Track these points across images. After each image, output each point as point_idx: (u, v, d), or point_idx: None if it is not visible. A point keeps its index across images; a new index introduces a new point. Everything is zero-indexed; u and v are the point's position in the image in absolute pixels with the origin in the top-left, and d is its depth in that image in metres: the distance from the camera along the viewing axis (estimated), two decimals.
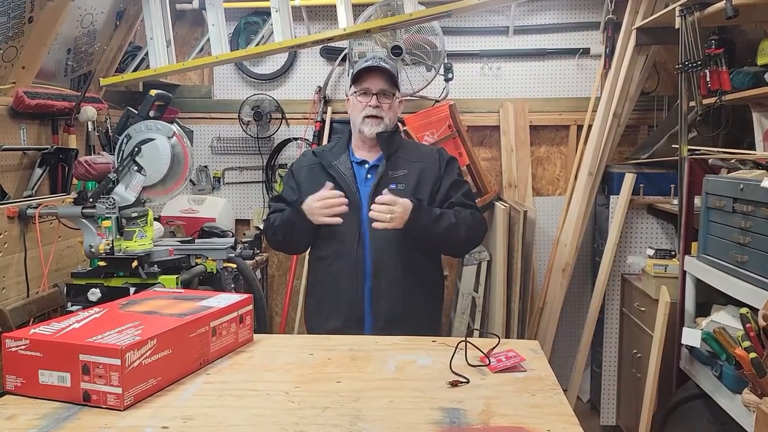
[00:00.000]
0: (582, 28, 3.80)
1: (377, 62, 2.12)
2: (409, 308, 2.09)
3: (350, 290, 2.08)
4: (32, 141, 2.89)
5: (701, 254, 2.36)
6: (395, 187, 2.07)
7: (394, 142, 2.17)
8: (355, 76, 2.14)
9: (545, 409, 1.25)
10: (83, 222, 2.29)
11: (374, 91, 2.10)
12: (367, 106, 2.11)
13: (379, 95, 2.10)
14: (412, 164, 2.14)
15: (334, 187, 2.07)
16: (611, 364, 3.41)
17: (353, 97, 2.16)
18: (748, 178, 2.08)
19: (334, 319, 2.09)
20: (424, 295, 2.17)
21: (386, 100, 2.12)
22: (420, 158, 2.17)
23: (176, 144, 2.39)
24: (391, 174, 2.10)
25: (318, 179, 2.13)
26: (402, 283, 2.08)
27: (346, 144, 2.22)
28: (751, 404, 1.80)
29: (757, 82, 2.43)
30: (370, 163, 2.16)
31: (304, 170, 2.22)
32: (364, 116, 2.11)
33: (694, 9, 2.52)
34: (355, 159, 2.17)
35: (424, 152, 2.23)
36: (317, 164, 2.18)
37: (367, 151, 2.18)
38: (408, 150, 2.19)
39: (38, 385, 1.24)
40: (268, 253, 4.08)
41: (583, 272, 3.80)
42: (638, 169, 3.33)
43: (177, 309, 1.47)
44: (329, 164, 2.14)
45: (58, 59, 3.00)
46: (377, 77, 2.10)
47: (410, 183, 2.10)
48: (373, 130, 2.11)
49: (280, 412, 1.21)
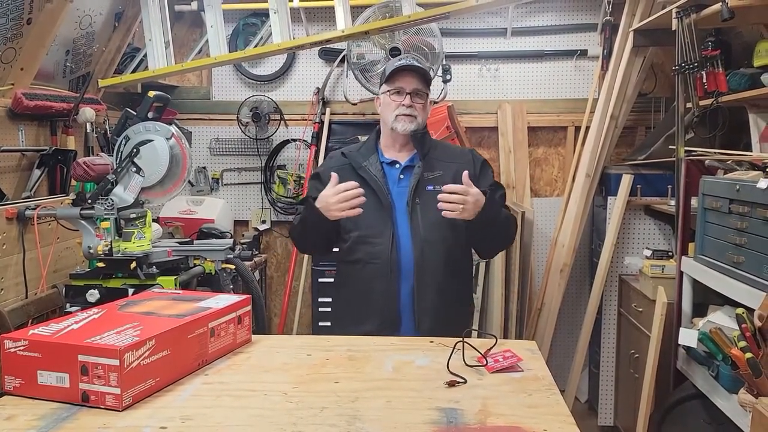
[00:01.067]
0: (579, 29, 3.81)
1: (411, 61, 2.10)
2: (450, 308, 2.05)
3: (385, 293, 2.02)
4: (31, 142, 2.90)
5: (698, 255, 2.37)
6: (432, 188, 2.03)
7: (426, 141, 2.13)
8: (388, 75, 2.11)
9: (542, 409, 1.25)
10: (82, 223, 2.29)
11: (408, 90, 2.06)
12: (400, 105, 2.07)
13: (413, 95, 2.07)
14: (447, 164, 2.10)
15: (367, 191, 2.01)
16: (609, 364, 3.42)
17: (385, 96, 2.11)
18: (745, 180, 2.09)
19: (368, 323, 2.02)
20: (461, 294, 2.16)
21: (419, 99, 2.08)
22: (453, 158, 2.13)
23: (175, 145, 2.40)
24: (427, 175, 2.06)
25: (348, 181, 2.07)
26: (443, 284, 2.04)
27: (374, 144, 2.17)
28: (748, 404, 1.81)
29: (754, 83, 2.44)
30: (402, 163, 2.12)
31: (332, 172, 2.12)
32: (397, 114, 2.07)
33: (691, 11, 2.53)
34: (385, 159, 2.13)
35: (457, 153, 2.20)
36: (347, 165, 2.13)
37: (398, 151, 2.14)
38: (440, 150, 2.15)
39: (37, 386, 1.24)
40: (267, 254, 4.09)
41: (581, 273, 3.81)
42: (635, 171, 3.34)
43: (175, 310, 1.48)
44: (359, 165, 2.09)
45: (57, 60, 3.01)
46: (411, 76, 2.07)
47: (446, 181, 2.03)
48: (406, 127, 2.06)
49: (278, 413, 1.21)
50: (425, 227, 2.01)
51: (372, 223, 2.03)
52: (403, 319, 2.03)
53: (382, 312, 2.03)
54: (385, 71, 2.14)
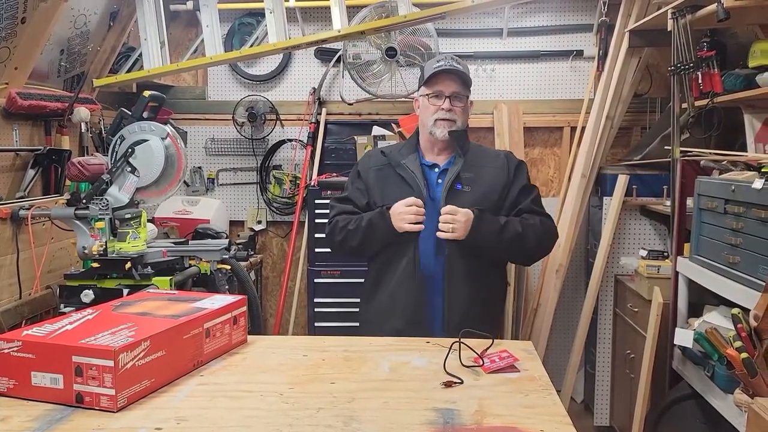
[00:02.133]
0: (575, 30, 3.82)
1: (450, 64, 2.06)
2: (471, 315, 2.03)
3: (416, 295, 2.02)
4: (25, 142, 2.88)
5: (694, 255, 2.38)
6: (460, 187, 2.03)
7: (465, 141, 2.11)
8: (427, 77, 2.08)
9: (538, 409, 1.25)
10: (76, 223, 2.28)
11: (447, 93, 2.04)
12: (439, 109, 2.05)
13: (452, 98, 2.04)
14: (480, 168, 2.08)
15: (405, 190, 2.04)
16: (605, 364, 3.42)
17: (424, 99, 2.09)
18: (740, 180, 2.09)
19: (399, 321, 2.03)
20: (487, 302, 2.13)
21: (459, 103, 2.06)
22: (487, 162, 2.11)
23: (170, 145, 2.39)
24: (462, 174, 2.05)
25: (388, 180, 2.08)
26: (467, 289, 2.03)
27: (415, 145, 2.15)
28: (743, 404, 1.81)
29: (749, 84, 2.45)
30: (441, 166, 2.10)
31: (372, 171, 2.14)
32: (436, 119, 2.05)
33: (686, 11, 2.53)
34: (426, 162, 2.12)
35: (492, 156, 2.18)
36: (386, 164, 2.12)
37: (437, 155, 2.12)
38: (475, 153, 2.13)
39: (31, 387, 1.23)
40: (263, 255, 4.08)
41: (577, 273, 3.81)
42: (631, 171, 3.34)
43: (170, 310, 1.47)
44: (398, 164, 2.08)
45: (51, 60, 2.99)
46: (450, 79, 2.05)
47: (477, 186, 2.05)
48: (445, 132, 2.05)
49: (274, 413, 1.21)
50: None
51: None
52: (434, 320, 2.03)
53: (412, 312, 2.03)
54: (424, 73, 2.10)
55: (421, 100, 2.12)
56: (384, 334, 1.86)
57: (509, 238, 2.01)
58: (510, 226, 2.01)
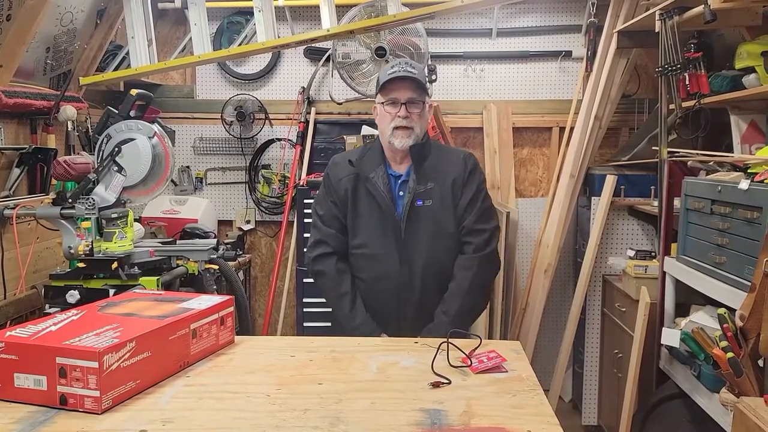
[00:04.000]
0: (564, 30, 3.83)
1: (404, 70, 2.01)
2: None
3: (395, 308, 2.03)
4: (10, 140, 2.85)
5: (680, 255, 2.39)
6: (421, 203, 2.02)
7: (424, 152, 2.07)
8: (381, 85, 2.05)
9: (526, 409, 1.25)
10: (62, 223, 2.26)
11: (402, 100, 2.00)
12: (395, 116, 2.01)
13: (408, 104, 2.00)
14: (440, 175, 2.05)
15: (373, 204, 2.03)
16: (593, 364, 3.44)
17: (380, 107, 2.06)
18: (726, 180, 2.11)
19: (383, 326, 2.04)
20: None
21: (415, 108, 2.02)
22: (447, 167, 2.08)
23: (157, 144, 2.37)
24: (419, 189, 2.03)
25: (358, 194, 2.05)
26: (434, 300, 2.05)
27: (382, 153, 2.10)
28: (729, 403, 1.83)
29: (735, 85, 2.47)
30: (402, 177, 2.08)
31: (344, 182, 2.08)
32: (394, 127, 2.02)
33: (674, 13, 2.55)
34: (393, 173, 2.09)
35: (451, 159, 2.11)
36: (355, 176, 2.07)
37: (398, 163, 2.09)
38: (436, 159, 2.09)
39: (13, 389, 1.22)
40: (251, 255, 4.06)
41: (565, 273, 3.83)
42: (619, 171, 3.36)
43: (157, 311, 1.46)
44: (366, 177, 2.04)
45: (37, 58, 2.96)
46: (404, 86, 2.00)
47: (436, 198, 2.03)
48: (404, 143, 2.01)
49: (260, 414, 1.20)
50: (414, 245, 2.01)
51: (379, 240, 2.02)
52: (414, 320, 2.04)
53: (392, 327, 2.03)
54: (379, 81, 2.07)
55: (378, 108, 2.08)
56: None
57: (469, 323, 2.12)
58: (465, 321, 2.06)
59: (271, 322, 3.90)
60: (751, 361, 1.77)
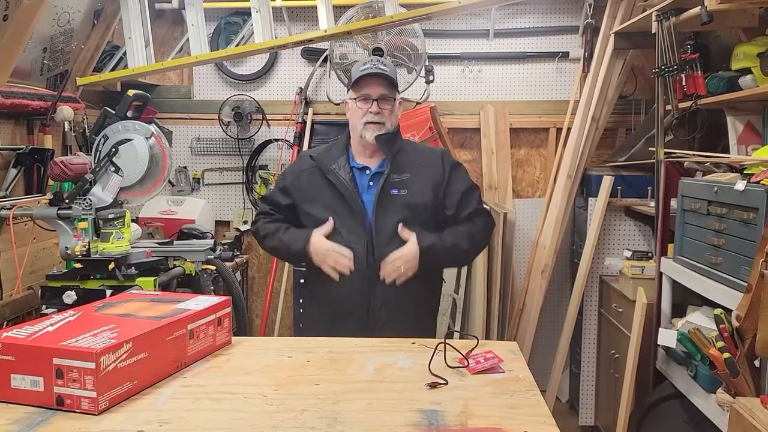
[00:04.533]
0: (561, 31, 3.84)
1: (376, 67, 2.05)
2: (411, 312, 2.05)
3: (362, 299, 2.01)
4: (7, 141, 2.85)
5: (677, 256, 2.40)
6: (396, 192, 2.03)
7: (395, 143, 2.10)
8: (353, 81, 2.08)
9: (523, 410, 1.25)
10: (59, 223, 2.26)
11: (374, 96, 2.04)
12: (367, 112, 2.04)
13: (380, 101, 2.04)
14: (414, 167, 2.08)
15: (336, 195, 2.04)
16: (589, 364, 3.45)
17: (353, 103, 2.09)
18: (723, 181, 2.11)
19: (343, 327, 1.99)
20: (426, 299, 2.15)
21: (387, 105, 2.05)
22: (422, 160, 2.11)
23: (154, 144, 2.37)
24: (394, 177, 2.05)
25: (318, 186, 2.07)
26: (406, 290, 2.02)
27: (345, 147, 2.13)
28: (725, 404, 1.83)
29: (732, 86, 2.48)
30: (372, 170, 2.09)
31: (304, 175, 2.12)
32: (365, 122, 2.05)
33: (671, 14, 2.56)
34: (356, 165, 2.10)
35: (426, 153, 2.16)
36: (315, 169, 2.10)
37: (369, 157, 2.11)
38: (409, 152, 2.12)
39: (10, 390, 1.22)
40: (248, 255, 4.06)
41: (562, 274, 3.83)
42: (616, 172, 3.37)
43: (154, 312, 1.46)
44: (328, 169, 2.07)
45: (34, 58, 2.95)
46: (376, 82, 2.04)
47: (413, 189, 2.05)
48: (373, 135, 2.05)
49: (258, 415, 1.20)
50: (386, 234, 2.00)
51: (345, 231, 2.02)
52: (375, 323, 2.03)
53: (357, 317, 2.02)
54: (351, 77, 2.12)
55: (350, 104, 2.12)
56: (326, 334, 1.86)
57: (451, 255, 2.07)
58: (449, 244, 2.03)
59: (268, 322, 3.90)
60: (747, 361, 1.78)
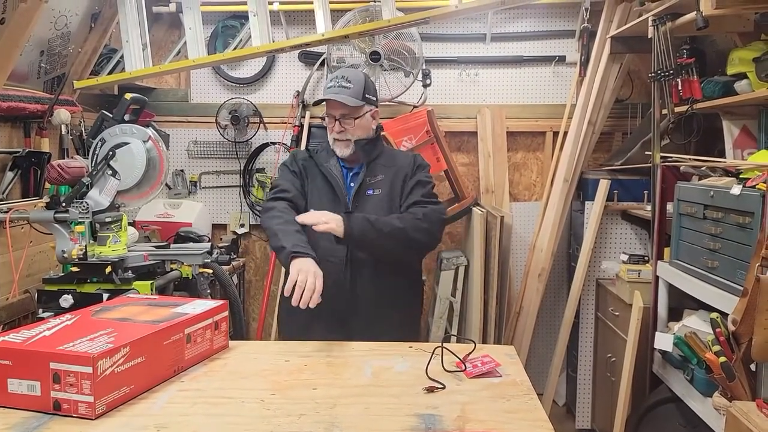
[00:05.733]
0: (558, 36, 3.85)
1: (338, 86, 2.13)
2: (388, 311, 2.10)
3: (340, 294, 2.05)
4: (4, 144, 2.84)
5: (673, 260, 2.41)
6: (372, 192, 2.16)
7: (375, 149, 2.23)
8: (319, 99, 2.20)
9: (520, 414, 1.26)
10: (56, 227, 2.25)
11: (336, 116, 2.15)
12: (332, 130, 2.17)
13: (341, 120, 2.14)
14: (388, 169, 2.21)
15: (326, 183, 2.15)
16: (586, 368, 3.45)
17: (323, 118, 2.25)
18: (719, 186, 2.12)
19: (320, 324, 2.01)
20: (404, 295, 2.20)
21: (348, 122, 2.15)
22: (396, 163, 2.23)
23: (151, 148, 2.37)
24: (368, 180, 2.18)
25: (313, 175, 2.21)
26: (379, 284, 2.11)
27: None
28: (721, 407, 1.84)
29: (727, 91, 2.49)
30: (353, 170, 2.23)
31: (300, 161, 2.25)
32: (334, 139, 2.18)
33: (667, 19, 2.57)
34: (344, 165, 2.23)
35: (401, 157, 2.30)
36: (312, 161, 2.24)
37: (349, 162, 2.24)
38: (386, 157, 2.26)
39: (7, 394, 1.22)
40: (245, 258, 4.05)
41: (559, 277, 3.84)
42: (613, 176, 3.38)
43: (151, 316, 1.46)
44: (321, 164, 2.20)
45: (31, 61, 2.95)
46: (337, 103, 2.12)
47: (385, 187, 2.17)
48: (344, 152, 2.17)
49: (255, 420, 1.20)
50: None
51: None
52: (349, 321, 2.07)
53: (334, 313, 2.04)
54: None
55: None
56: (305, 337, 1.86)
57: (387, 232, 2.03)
58: (384, 222, 2.05)
59: (265, 326, 3.89)
60: (743, 365, 1.78)
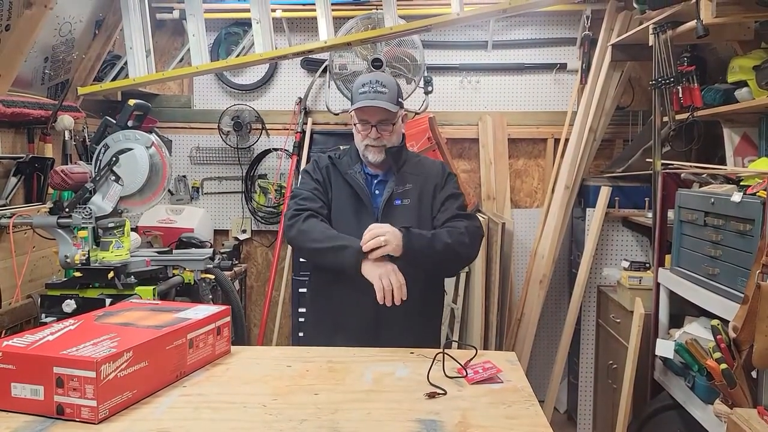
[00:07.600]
0: (559, 43, 3.87)
1: (374, 91, 2.04)
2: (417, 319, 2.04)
3: (367, 304, 1.96)
4: (7, 149, 2.85)
5: (674, 266, 2.41)
6: (400, 202, 2.07)
7: (401, 155, 2.13)
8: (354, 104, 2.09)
9: (521, 420, 1.26)
10: (59, 232, 2.26)
11: (373, 122, 2.05)
12: (367, 137, 2.06)
13: (378, 126, 2.05)
14: (417, 178, 2.12)
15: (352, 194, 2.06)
16: (587, 375, 3.45)
17: (355, 121, 2.10)
18: (719, 193, 2.13)
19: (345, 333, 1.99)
20: (430, 308, 2.15)
21: (386, 127, 2.06)
22: (424, 172, 2.14)
23: (154, 154, 2.38)
24: (397, 189, 2.08)
25: (337, 181, 2.12)
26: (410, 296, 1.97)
27: (358, 156, 2.15)
28: (723, 414, 1.84)
29: (728, 99, 2.50)
30: (379, 177, 2.13)
31: (323, 169, 2.15)
32: (366, 145, 2.08)
33: (667, 27, 2.58)
34: (368, 172, 2.14)
35: (428, 165, 2.20)
36: (334, 168, 2.14)
37: (375, 168, 2.14)
38: (413, 164, 2.16)
39: (10, 399, 1.22)
40: (247, 264, 4.06)
41: (560, 284, 3.84)
42: (614, 183, 3.38)
43: (153, 321, 1.46)
44: (345, 171, 2.10)
45: (35, 67, 2.97)
46: (375, 109, 2.04)
47: (414, 197, 2.08)
48: (377, 158, 2.07)
49: (257, 425, 1.21)
50: None
51: (354, 230, 2.00)
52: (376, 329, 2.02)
53: (362, 323, 2.01)
54: (352, 96, 2.11)
55: (353, 121, 2.12)
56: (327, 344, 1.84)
57: (441, 249, 1.97)
58: (438, 237, 2.00)
59: (267, 331, 3.90)
60: (744, 372, 1.78)
